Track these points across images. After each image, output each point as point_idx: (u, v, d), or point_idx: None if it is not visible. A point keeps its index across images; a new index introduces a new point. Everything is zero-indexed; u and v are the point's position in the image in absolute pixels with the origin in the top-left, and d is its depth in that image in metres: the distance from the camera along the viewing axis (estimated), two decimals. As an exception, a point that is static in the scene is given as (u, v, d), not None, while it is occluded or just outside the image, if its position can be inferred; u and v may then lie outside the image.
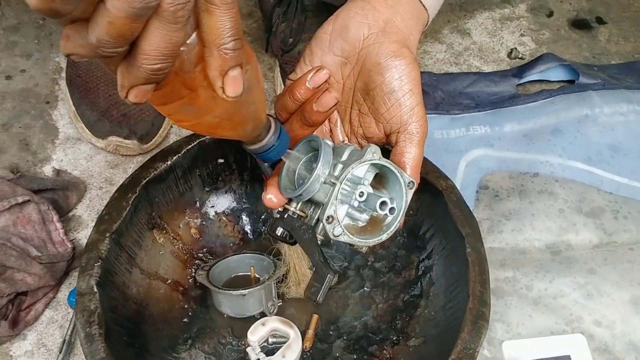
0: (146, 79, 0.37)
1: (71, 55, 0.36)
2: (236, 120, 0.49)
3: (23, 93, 0.98)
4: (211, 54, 0.40)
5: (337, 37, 0.60)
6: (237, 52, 0.40)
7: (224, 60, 0.40)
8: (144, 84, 0.38)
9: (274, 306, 0.72)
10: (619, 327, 0.75)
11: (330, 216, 0.54)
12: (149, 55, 0.36)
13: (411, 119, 0.58)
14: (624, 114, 0.93)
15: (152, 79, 0.37)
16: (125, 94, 0.38)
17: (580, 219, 0.84)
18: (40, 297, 0.77)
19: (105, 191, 0.88)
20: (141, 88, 0.38)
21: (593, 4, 1.15)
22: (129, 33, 0.35)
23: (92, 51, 0.35)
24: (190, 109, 0.45)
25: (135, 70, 0.37)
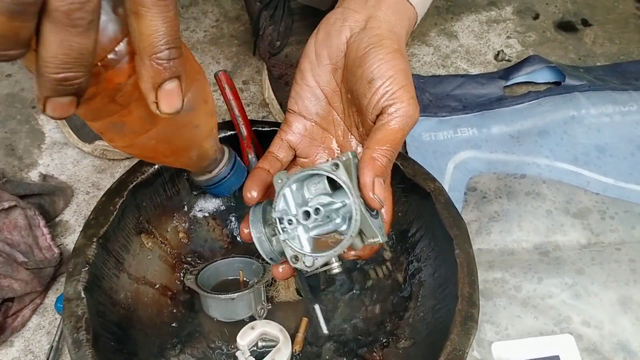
0: (54, 90, 0.33)
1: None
2: (175, 145, 0.43)
3: (8, 98, 0.97)
4: (142, 64, 0.35)
5: (322, 47, 0.59)
6: (174, 62, 0.35)
7: (157, 72, 0.35)
8: (56, 95, 0.33)
9: (264, 310, 0.72)
10: (607, 327, 0.75)
11: (293, 256, 0.53)
12: (47, 63, 0.32)
13: (392, 102, 0.54)
14: (609, 115, 0.94)
15: (63, 91, 0.33)
16: (41, 107, 0.34)
17: (567, 219, 0.84)
18: (27, 303, 0.76)
19: (93, 196, 0.88)
20: (56, 101, 0.33)
21: (578, 6, 1.16)
22: (11, 34, 0.30)
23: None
24: (122, 127, 0.40)
25: (41, 80, 0.33)
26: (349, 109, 0.61)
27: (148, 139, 0.41)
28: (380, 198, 0.51)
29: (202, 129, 0.44)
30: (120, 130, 0.40)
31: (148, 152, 0.43)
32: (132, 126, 0.39)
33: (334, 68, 0.60)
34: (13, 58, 0.32)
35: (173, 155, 0.45)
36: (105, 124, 0.39)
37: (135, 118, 0.39)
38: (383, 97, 0.54)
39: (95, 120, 0.39)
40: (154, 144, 0.41)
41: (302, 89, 0.61)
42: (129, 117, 0.38)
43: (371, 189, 0.51)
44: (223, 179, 0.50)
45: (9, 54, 0.31)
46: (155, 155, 0.44)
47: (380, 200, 0.51)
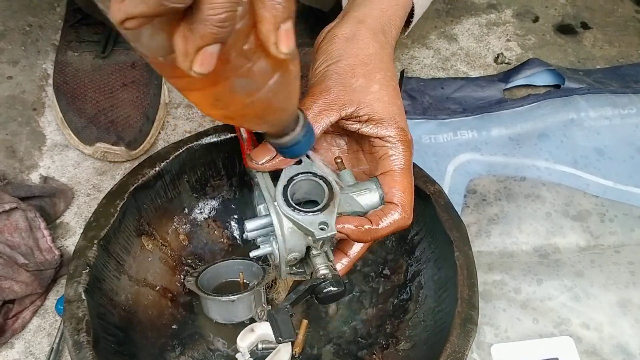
0: (213, 35, 0.34)
1: (128, 20, 0.32)
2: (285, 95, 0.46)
3: (9, 100, 0.97)
4: (264, 7, 0.37)
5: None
6: (289, 3, 0.38)
7: (276, 13, 0.38)
8: (211, 42, 0.34)
9: (264, 312, 0.72)
10: (607, 330, 0.76)
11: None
12: (215, 3, 0.33)
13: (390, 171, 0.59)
14: (609, 118, 0.94)
15: (219, 34, 0.34)
16: (189, 63, 0.35)
17: (567, 222, 0.84)
18: (28, 305, 0.77)
19: (93, 198, 0.88)
20: (207, 52, 0.35)
21: (578, 9, 1.17)
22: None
23: (158, 4, 0.32)
24: (243, 85, 0.42)
25: (200, 26, 0.34)
26: None
27: (265, 93, 0.43)
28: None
29: (299, 80, 0.47)
30: (241, 88, 0.42)
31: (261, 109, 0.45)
32: (253, 81, 0.42)
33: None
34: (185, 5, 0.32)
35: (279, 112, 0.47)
36: (228, 84, 0.41)
37: (256, 71, 0.41)
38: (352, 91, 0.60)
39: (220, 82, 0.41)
40: (269, 97, 0.43)
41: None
42: (251, 72, 0.41)
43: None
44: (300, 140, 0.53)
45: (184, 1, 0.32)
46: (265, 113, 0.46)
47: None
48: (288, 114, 0.50)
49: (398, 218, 0.57)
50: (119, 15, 0.32)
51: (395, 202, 0.58)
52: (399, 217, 0.58)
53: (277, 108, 0.47)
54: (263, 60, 0.41)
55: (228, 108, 0.44)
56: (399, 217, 0.57)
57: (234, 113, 0.45)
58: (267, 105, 0.45)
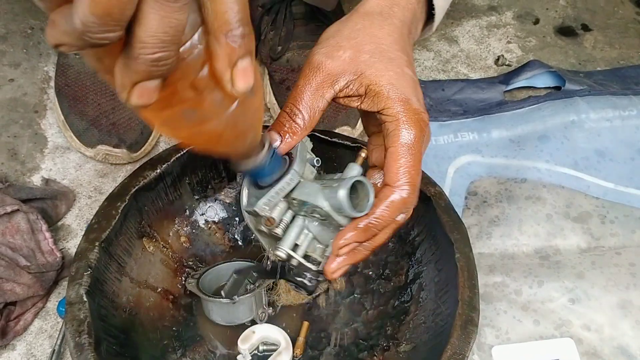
0: (147, 72, 0.33)
1: (58, 46, 0.32)
2: (240, 128, 0.44)
3: (11, 102, 0.98)
4: (218, 43, 0.35)
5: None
6: (247, 39, 0.36)
7: (232, 50, 0.36)
8: (146, 79, 0.33)
9: (265, 314, 0.72)
10: (607, 331, 0.76)
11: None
12: (146, 43, 0.32)
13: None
14: (609, 120, 0.95)
15: (155, 73, 0.33)
16: (126, 95, 0.34)
17: (567, 223, 0.84)
18: (30, 307, 0.77)
19: (95, 200, 0.88)
20: (144, 86, 0.33)
21: (578, 11, 1.17)
22: (117, 12, 0.30)
23: (79, 38, 0.30)
24: (192, 114, 0.40)
25: (134, 63, 0.32)
26: None
27: (217, 124, 0.41)
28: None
29: (260, 111, 0.46)
30: (190, 117, 0.40)
31: (212, 138, 0.43)
32: (203, 112, 0.40)
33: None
34: (109, 42, 0.31)
35: (234, 140, 0.45)
36: (175, 112, 0.39)
37: (207, 104, 0.39)
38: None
39: (163, 110, 0.39)
40: (221, 129, 0.42)
41: None
42: (201, 103, 0.39)
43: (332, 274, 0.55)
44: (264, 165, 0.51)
45: (107, 37, 0.30)
46: (218, 141, 0.44)
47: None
48: (245, 144, 0.48)
49: (396, 198, 0.52)
50: (51, 40, 0.32)
51: (391, 184, 0.53)
52: (398, 197, 0.52)
53: (231, 139, 0.44)
54: (216, 92, 0.39)
55: (176, 132, 0.42)
56: (397, 198, 0.52)
57: (184, 139, 0.43)
58: (218, 136, 0.43)
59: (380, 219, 0.53)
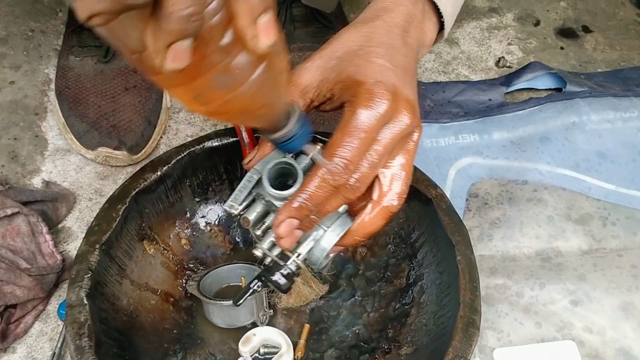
0: (180, 30, 0.33)
1: (92, 17, 0.32)
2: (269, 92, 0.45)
3: (12, 105, 0.98)
4: (238, 1, 0.36)
5: None
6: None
7: (252, 6, 0.37)
8: (180, 38, 0.34)
9: (265, 316, 0.72)
10: (609, 334, 0.75)
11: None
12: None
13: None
14: (611, 122, 0.94)
15: (187, 30, 0.34)
16: (161, 59, 0.35)
17: (569, 225, 0.84)
18: (30, 310, 0.77)
19: (95, 202, 0.88)
20: (177, 47, 0.34)
21: (579, 12, 1.17)
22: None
23: (116, 2, 0.31)
24: (223, 80, 0.40)
25: (167, 23, 0.33)
26: None
27: (248, 88, 0.41)
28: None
29: (286, 74, 0.46)
30: (222, 83, 0.40)
31: (245, 104, 0.43)
32: (234, 76, 0.40)
33: None
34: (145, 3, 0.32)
35: (265, 107, 0.46)
36: (207, 79, 0.40)
37: (237, 65, 0.40)
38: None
39: (195, 79, 0.40)
40: (253, 92, 0.42)
41: None
42: (230, 66, 0.39)
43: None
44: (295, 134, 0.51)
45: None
46: (250, 108, 0.44)
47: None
48: (275, 109, 0.48)
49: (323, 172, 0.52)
50: (83, 13, 0.32)
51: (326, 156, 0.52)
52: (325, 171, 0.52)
53: (262, 103, 0.45)
54: (243, 54, 0.39)
55: (210, 104, 0.43)
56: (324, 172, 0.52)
57: (217, 109, 0.43)
58: (251, 100, 0.43)
59: (308, 193, 0.52)
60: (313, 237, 0.56)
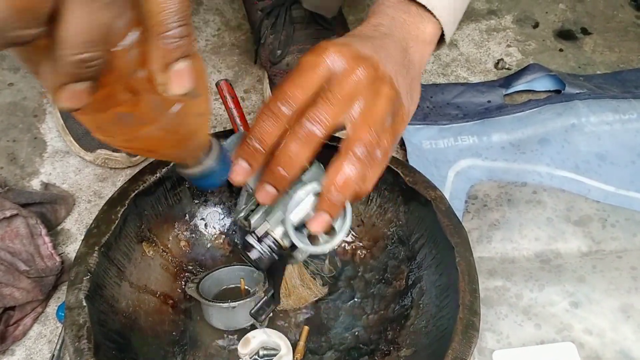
0: (73, 74, 0.31)
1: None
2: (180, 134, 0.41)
3: (11, 107, 0.98)
4: (152, 44, 0.33)
5: None
6: (184, 40, 0.33)
7: (167, 52, 0.33)
8: (74, 81, 0.31)
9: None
10: (609, 335, 0.75)
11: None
12: (68, 43, 0.29)
13: None
14: (610, 123, 0.94)
15: (82, 75, 0.31)
16: (55, 97, 0.32)
17: (568, 227, 0.84)
18: (29, 312, 0.76)
19: (94, 204, 0.88)
20: (72, 88, 0.31)
21: (578, 15, 1.17)
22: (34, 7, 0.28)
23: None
24: (129, 118, 0.38)
25: (59, 64, 0.30)
26: None
27: (154, 129, 0.39)
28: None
29: (204, 116, 0.43)
30: (126, 121, 0.38)
31: (151, 144, 0.41)
32: (140, 116, 0.38)
33: None
34: (28, 40, 0.29)
35: (174, 147, 0.43)
36: (111, 115, 0.37)
37: (145, 107, 0.37)
38: None
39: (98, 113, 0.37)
40: (160, 134, 0.40)
41: None
42: (138, 107, 0.37)
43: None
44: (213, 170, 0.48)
45: (25, 34, 0.28)
46: (157, 147, 0.42)
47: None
48: (188, 150, 0.45)
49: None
50: None
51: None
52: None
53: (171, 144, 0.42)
54: (154, 96, 0.36)
55: (112, 138, 0.40)
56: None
57: (121, 143, 0.41)
58: (157, 141, 0.40)
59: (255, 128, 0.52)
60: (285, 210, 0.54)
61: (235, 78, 1.04)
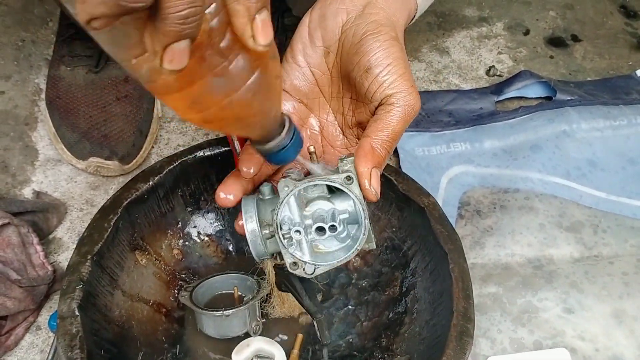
0: (176, 32, 0.34)
1: (92, 20, 0.32)
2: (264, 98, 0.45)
3: (2, 115, 0.97)
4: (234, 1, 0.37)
5: (316, 27, 0.59)
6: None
7: (249, 5, 0.37)
8: (176, 39, 0.34)
9: (259, 326, 0.71)
10: (602, 341, 0.76)
11: (293, 263, 0.53)
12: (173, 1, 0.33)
13: (392, 92, 0.53)
14: (600, 130, 0.95)
15: (184, 32, 0.34)
16: (159, 60, 0.35)
17: (560, 233, 0.85)
18: (21, 322, 0.76)
19: (86, 213, 0.87)
20: (175, 47, 0.34)
21: (568, 22, 1.18)
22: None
23: (116, 5, 0.31)
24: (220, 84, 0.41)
25: (164, 24, 0.33)
26: (340, 94, 0.60)
27: (245, 92, 0.42)
28: (377, 190, 0.51)
29: (280, 80, 0.46)
30: (219, 87, 0.41)
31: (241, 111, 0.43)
32: (232, 78, 0.41)
33: (327, 51, 0.59)
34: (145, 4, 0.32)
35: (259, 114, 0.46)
36: (203, 84, 0.40)
37: (235, 68, 0.40)
38: (382, 85, 0.53)
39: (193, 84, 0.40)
40: (249, 97, 0.42)
41: (292, 68, 0.61)
42: (228, 69, 0.40)
43: (368, 179, 0.51)
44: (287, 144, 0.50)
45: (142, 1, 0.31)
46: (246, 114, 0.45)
47: (376, 192, 0.51)
48: (270, 116, 0.48)
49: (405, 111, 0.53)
50: (83, 16, 0.32)
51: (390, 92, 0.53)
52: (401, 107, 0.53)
53: (257, 110, 0.45)
54: (240, 57, 0.40)
55: (206, 110, 0.43)
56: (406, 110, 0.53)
57: (213, 115, 0.43)
58: (247, 106, 0.43)
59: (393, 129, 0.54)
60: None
61: (228, 85, 1.04)
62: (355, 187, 0.51)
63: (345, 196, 0.53)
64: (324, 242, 0.55)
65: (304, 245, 0.54)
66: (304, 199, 0.54)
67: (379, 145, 0.52)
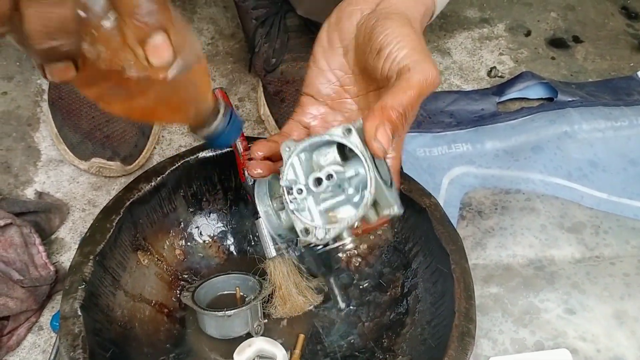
0: (46, 58, 0.34)
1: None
2: (174, 105, 0.44)
3: (4, 115, 0.97)
4: (125, 24, 0.36)
5: (333, 30, 0.60)
6: (155, 16, 0.36)
7: (139, 29, 0.36)
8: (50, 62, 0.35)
9: (260, 326, 0.71)
10: (603, 342, 0.76)
11: (304, 229, 0.52)
12: (31, 36, 0.33)
13: (405, 63, 0.52)
14: (602, 131, 0.95)
15: (55, 57, 0.34)
16: (42, 72, 0.36)
17: (562, 234, 0.85)
18: (23, 322, 0.76)
19: (89, 213, 0.88)
20: (53, 66, 0.35)
21: (569, 23, 1.18)
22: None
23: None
24: (119, 92, 0.41)
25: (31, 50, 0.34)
26: (365, 89, 0.61)
27: (147, 101, 0.41)
28: (384, 145, 0.49)
29: (198, 87, 0.45)
30: (118, 95, 0.41)
31: (147, 114, 0.44)
32: (129, 89, 0.40)
33: (345, 51, 0.60)
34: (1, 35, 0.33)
35: (172, 115, 0.46)
36: (103, 89, 0.40)
37: (131, 81, 0.39)
38: (394, 60, 0.53)
39: (92, 86, 0.40)
40: (152, 105, 0.42)
41: (315, 73, 0.62)
42: (125, 81, 0.39)
43: (374, 133, 0.49)
44: (221, 132, 0.51)
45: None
46: (153, 116, 0.45)
47: (383, 147, 0.49)
48: (189, 115, 0.48)
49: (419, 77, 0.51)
50: None
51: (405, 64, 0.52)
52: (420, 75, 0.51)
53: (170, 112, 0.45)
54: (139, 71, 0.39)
55: (110, 107, 0.43)
56: (420, 77, 0.51)
57: (118, 112, 0.43)
58: (154, 110, 0.43)
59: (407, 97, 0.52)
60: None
61: (230, 86, 1.05)
62: (355, 137, 0.50)
63: (357, 160, 0.51)
64: (340, 210, 0.53)
65: (314, 211, 0.52)
66: (316, 166, 0.53)
67: (389, 105, 0.50)
